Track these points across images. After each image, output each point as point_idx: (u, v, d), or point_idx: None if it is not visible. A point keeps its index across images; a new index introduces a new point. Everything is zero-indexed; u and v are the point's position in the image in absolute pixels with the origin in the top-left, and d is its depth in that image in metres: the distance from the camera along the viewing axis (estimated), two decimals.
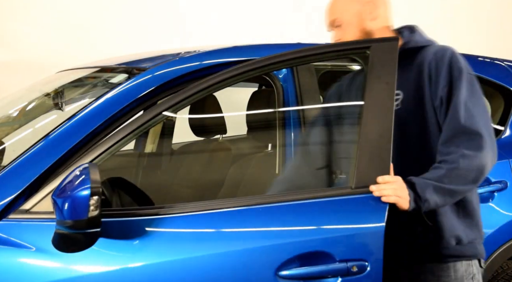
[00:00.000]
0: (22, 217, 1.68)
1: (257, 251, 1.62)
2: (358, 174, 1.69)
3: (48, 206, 1.65)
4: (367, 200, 1.66)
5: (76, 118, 1.85)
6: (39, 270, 1.63)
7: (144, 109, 1.94)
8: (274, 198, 1.74)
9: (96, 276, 1.63)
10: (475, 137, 1.73)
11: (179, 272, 1.62)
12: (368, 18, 1.94)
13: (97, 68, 2.47)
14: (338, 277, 1.61)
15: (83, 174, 1.54)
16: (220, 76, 1.84)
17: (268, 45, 2.36)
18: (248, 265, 1.61)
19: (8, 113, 2.46)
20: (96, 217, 1.52)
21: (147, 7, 4.72)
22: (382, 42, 1.81)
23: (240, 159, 2.58)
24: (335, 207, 1.68)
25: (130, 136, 1.78)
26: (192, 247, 1.65)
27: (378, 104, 1.73)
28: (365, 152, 1.70)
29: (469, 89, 1.81)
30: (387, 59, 1.77)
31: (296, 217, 1.67)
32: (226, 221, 1.68)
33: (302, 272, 1.61)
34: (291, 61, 1.92)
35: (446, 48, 1.88)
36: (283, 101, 2.19)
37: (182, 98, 1.81)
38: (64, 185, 1.54)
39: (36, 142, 1.80)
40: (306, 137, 2.12)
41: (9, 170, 1.74)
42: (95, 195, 1.50)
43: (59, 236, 1.57)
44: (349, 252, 1.62)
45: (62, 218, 1.51)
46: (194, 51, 2.21)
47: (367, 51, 1.80)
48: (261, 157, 2.51)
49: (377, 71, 1.76)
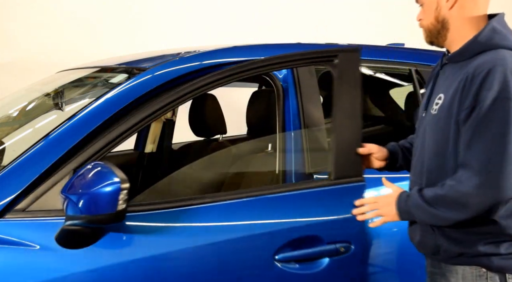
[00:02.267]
0: (19, 216, 1.69)
1: (256, 238, 1.78)
2: (335, 168, 1.91)
3: (44, 205, 1.68)
4: (345, 190, 1.88)
5: (76, 118, 1.86)
6: (47, 267, 1.65)
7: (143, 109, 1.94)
8: (267, 190, 1.90)
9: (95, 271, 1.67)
10: (467, 171, 1.60)
11: (191, 259, 1.75)
12: (446, 6, 1.74)
13: (97, 68, 2.47)
14: (327, 258, 1.79)
15: (105, 169, 1.60)
16: (186, 89, 1.92)
17: (268, 45, 2.36)
18: (248, 250, 1.76)
19: (8, 113, 2.46)
20: (123, 211, 1.59)
21: (147, 7, 4.72)
22: (346, 53, 2.00)
23: (240, 159, 2.57)
24: (319, 196, 1.90)
25: (124, 136, 1.82)
26: (200, 236, 1.76)
27: (347, 107, 1.94)
28: (339, 149, 1.92)
29: (491, 120, 1.58)
30: (351, 68, 1.99)
31: (287, 206, 1.86)
32: (227, 213, 1.82)
33: (296, 254, 1.78)
34: (259, 69, 1.99)
35: (492, 63, 1.61)
36: (283, 101, 2.19)
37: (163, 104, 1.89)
38: (78, 182, 1.58)
39: (36, 141, 1.80)
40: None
41: (9, 170, 1.74)
42: (125, 189, 1.57)
43: (67, 232, 1.61)
44: (336, 235, 1.81)
45: (78, 213, 1.56)
46: (194, 51, 2.21)
47: (335, 59, 1.99)
48: (261, 157, 2.51)
49: (344, 77, 1.98)
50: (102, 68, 2.46)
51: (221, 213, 1.82)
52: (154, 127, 3.36)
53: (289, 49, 2.30)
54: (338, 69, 1.98)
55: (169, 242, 1.75)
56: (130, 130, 1.83)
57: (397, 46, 2.78)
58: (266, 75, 2.20)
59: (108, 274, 1.67)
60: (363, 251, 1.86)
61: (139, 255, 1.70)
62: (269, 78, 2.18)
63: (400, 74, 2.84)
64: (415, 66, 2.54)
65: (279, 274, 1.77)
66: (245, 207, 1.84)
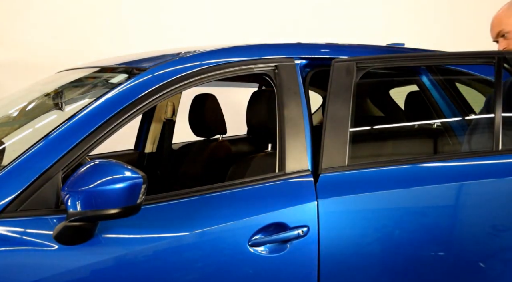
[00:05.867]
0: (16, 215, 1.69)
1: (231, 227, 1.91)
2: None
3: (39, 203, 1.70)
4: (299, 183, 2.03)
5: (76, 118, 1.86)
6: (53, 264, 1.68)
7: (144, 109, 1.95)
8: (240, 184, 2.01)
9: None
10: None
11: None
12: None
13: (97, 68, 2.47)
14: (292, 240, 1.93)
15: (117, 166, 1.64)
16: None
17: (268, 45, 2.36)
18: (224, 239, 1.88)
19: (8, 113, 2.46)
20: (141, 204, 1.67)
21: (146, 7, 4.72)
22: (284, 63, 2.16)
23: (240, 159, 2.57)
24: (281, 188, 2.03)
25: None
26: (185, 226, 1.85)
27: (291, 111, 2.09)
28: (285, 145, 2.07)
29: None
30: (291, 76, 2.14)
31: (257, 197, 1.99)
32: (203, 205, 1.91)
33: (267, 239, 1.91)
34: (202, 79, 2.05)
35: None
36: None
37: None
38: (88, 178, 1.60)
39: (36, 142, 1.81)
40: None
41: (9, 170, 1.74)
42: (145, 183, 1.65)
43: (67, 229, 1.64)
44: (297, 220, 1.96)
45: (88, 209, 1.59)
46: (194, 51, 2.21)
47: (276, 70, 2.15)
48: (261, 157, 2.51)
49: (286, 85, 2.13)
50: (102, 68, 2.46)
51: (199, 206, 1.91)
52: (154, 127, 3.36)
53: (289, 49, 2.30)
54: (279, 78, 2.14)
55: (151, 238, 1.81)
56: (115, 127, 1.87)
57: (397, 46, 2.78)
58: (265, 75, 2.20)
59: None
60: (317, 234, 1.99)
61: (118, 253, 1.75)
62: (269, 78, 2.18)
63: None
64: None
65: (253, 258, 1.90)
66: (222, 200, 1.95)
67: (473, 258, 2.11)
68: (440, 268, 2.06)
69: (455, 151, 2.54)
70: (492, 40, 2.44)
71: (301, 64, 2.23)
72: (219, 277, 1.87)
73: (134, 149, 3.41)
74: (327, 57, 2.31)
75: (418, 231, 2.07)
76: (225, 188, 1.98)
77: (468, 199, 2.15)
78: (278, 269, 1.92)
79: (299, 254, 1.94)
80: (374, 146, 2.67)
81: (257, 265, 1.90)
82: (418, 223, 2.08)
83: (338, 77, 2.15)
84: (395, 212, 2.06)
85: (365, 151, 2.51)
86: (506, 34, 2.33)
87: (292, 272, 1.94)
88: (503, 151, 2.15)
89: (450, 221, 2.11)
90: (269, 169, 2.11)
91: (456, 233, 2.13)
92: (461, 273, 2.10)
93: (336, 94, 2.12)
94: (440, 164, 2.20)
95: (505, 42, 2.32)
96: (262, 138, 2.57)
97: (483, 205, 2.13)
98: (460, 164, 2.21)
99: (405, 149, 2.78)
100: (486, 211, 2.13)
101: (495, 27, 2.38)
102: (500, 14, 2.38)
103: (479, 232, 2.12)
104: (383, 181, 2.08)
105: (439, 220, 2.09)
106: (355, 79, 2.15)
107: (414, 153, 2.64)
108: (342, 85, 2.14)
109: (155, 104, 2.00)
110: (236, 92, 3.90)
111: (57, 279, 1.67)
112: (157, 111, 3.33)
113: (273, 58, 2.18)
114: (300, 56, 2.25)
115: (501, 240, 2.14)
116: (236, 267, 1.89)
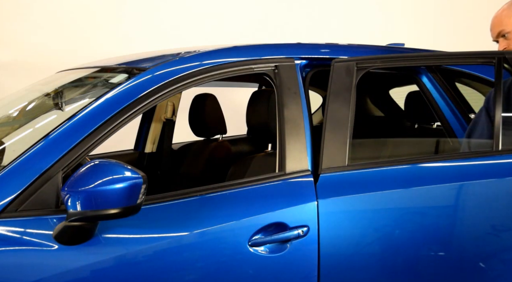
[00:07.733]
0: (16, 215, 1.70)
1: (231, 227, 1.91)
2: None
3: (39, 203, 1.70)
4: (298, 183, 2.03)
5: (76, 118, 1.86)
6: (54, 263, 1.69)
7: (144, 109, 1.95)
8: (240, 184, 2.01)
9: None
10: None
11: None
12: None
13: (97, 68, 2.47)
14: (292, 240, 1.93)
15: (117, 166, 1.64)
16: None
17: (268, 45, 2.36)
18: (224, 239, 1.89)
19: (8, 113, 2.46)
20: (141, 204, 1.67)
21: (147, 7, 4.72)
22: (284, 63, 2.17)
23: (240, 159, 2.58)
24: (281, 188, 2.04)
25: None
26: (185, 226, 1.85)
27: (291, 111, 2.10)
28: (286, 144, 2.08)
29: None
30: (291, 76, 2.15)
31: (257, 197, 1.99)
32: (204, 205, 1.92)
33: (267, 239, 1.91)
34: (202, 79, 2.05)
35: None
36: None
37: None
38: (88, 178, 1.61)
39: (36, 142, 1.81)
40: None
41: (9, 170, 1.75)
42: (145, 183, 1.65)
43: (67, 229, 1.65)
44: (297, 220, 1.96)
45: (88, 209, 1.59)
46: (194, 51, 2.21)
47: (276, 70, 2.16)
48: (261, 157, 2.51)
49: (286, 85, 2.14)
50: (102, 68, 2.46)
51: (201, 205, 1.92)
52: (154, 127, 3.36)
53: (289, 49, 2.30)
54: (279, 77, 2.15)
55: (155, 237, 1.81)
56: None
57: (397, 46, 2.78)
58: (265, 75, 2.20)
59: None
60: (317, 234, 1.99)
61: (118, 253, 1.75)
62: (269, 78, 2.18)
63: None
64: None
65: (253, 258, 1.91)
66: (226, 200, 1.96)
67: (473, 258, 2.11)
68: (440, 268, 2.06)
69: (455, 151, 2.54)
70: (492, 40, 2.43)
71: (301, 64, 2.23)
72: (219, 277, 1.87)
73: (134, 149, 3.41)
74: (327, 57, 2.31)
75: (418, 231, 2.06)
76: (225, 188, 1.98)
77: (468, 199, 2.15)
78: (278, 269, 1.92)
79: (299, 254, 1.94)
80: (374, 146, 2.68)
81: (257, 265, 1.90)
82: (418, 223, 2.08)
83: (338, 77, 2.15)
84: (395, 212, 2.06)
85: (365, 151, 2.51)
86: (506, 34, 2.32)
87: (292, 272, 1.94)
88: (503, 151, 2.15)
89: (450, 221, 2.11)
90: (269, 169, 2.11)
91: (456, 233, 2.12)
92: (461, 273, 2.10)
93: (336, 94, 2.12)
94: (440, 164, 2.20)
95: (505, 42, 2.31)
96: (262, 138, 2.57)
97: (483, 205, 2.13)
98: (460, 164, 2.21)
99: (405, 148, 2.78)
100: (486, 211, 2.12)
101: (495, 27, 2.37)
102: (500, 14, 2.37)
103: (479, 232, 2.12)
104: (383, 181, 2.08)
105: (439, 220, 2.09)
106: (355, 79, 2.15)
107: (414, 153, 2.65)
108: (342, 85, 2.14)
109: (155, 104, 2.00)
110: (236, 92, 3.90)
111: (57, 279, 1.67)
112: (157, 111, 3.33)
113: (273, 58, 2.19)
114: (300, 56, 2.25)
115: (501, 240, 2.14)
116: (236, 267, 1.88)
